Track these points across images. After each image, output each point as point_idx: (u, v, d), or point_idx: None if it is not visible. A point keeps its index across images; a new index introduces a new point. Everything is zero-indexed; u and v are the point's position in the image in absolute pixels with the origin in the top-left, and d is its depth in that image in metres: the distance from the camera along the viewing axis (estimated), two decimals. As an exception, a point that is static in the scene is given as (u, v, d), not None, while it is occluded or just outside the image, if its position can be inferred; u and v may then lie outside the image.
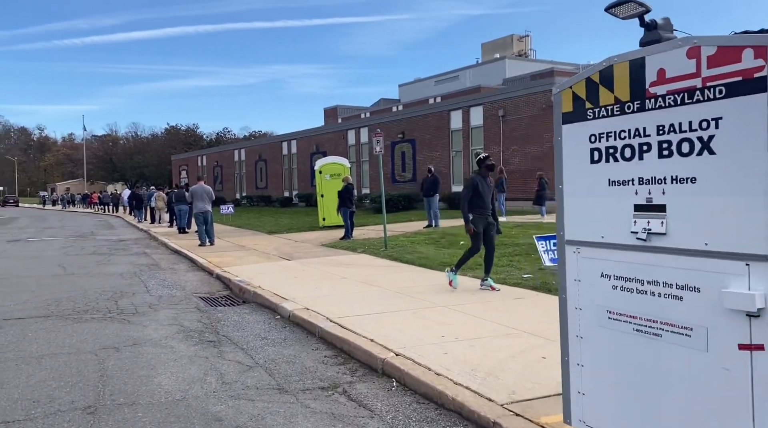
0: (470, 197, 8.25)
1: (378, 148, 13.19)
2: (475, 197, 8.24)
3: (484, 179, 8.37)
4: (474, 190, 8.26)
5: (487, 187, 8.33)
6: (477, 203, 8.25)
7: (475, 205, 8.27)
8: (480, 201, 8.24)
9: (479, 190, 8.24)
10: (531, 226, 15.91)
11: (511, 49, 54.79)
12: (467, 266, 10.06)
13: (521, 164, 24.54)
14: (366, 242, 14.84)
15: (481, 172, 8.44)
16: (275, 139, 44.48)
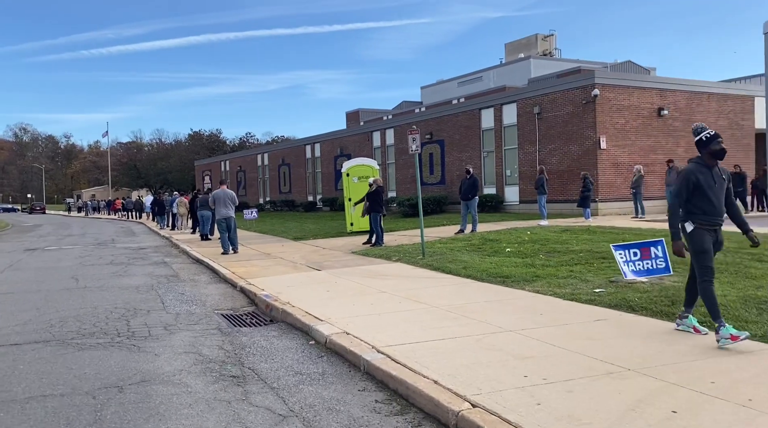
0: (686, 197, 5.50)
1: (414, 145, 12.00)
2: (697, 198, 5.46)
3: (709, 170, 5.49)
4: (694, 187, 5.45)
5: (715, 181, 5.47)
6: (700, 207, 5.47)
7: (696, 210, 5.49)
8: (705, 203, 5.45)
9: (701, 186, 5.42)
10: (581, 231, 14.56)
11: (535, 49, 53.26)
12: (546, 274, 8.82)
13: (560, 164, 23.13)
14: (400, 249, 13.66)
15: (704, 158, 5.54)
16: (298, 143, 43.56)
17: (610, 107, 22.03)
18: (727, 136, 24.97)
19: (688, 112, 23.92)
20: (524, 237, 13.73)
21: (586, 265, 9.81)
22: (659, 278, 7.67)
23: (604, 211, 21.72)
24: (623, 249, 7.26)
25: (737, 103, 25.35)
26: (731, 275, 7.98)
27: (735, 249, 10.03)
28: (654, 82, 23.22)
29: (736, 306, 6.23)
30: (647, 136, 22.94)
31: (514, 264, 10.33)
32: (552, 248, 11.82)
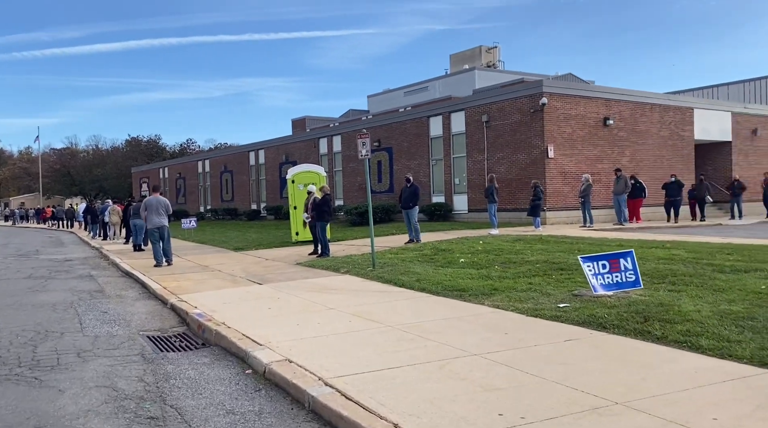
0: None
1: (364, 150, 11.30)
2: None
3: None
4: None
5: None
6: None
7: None
8: None
9: None
10: (534, 240, 14.18)
11: (479, 61, 53.79)
12: (479, 291, 8.23)
13: (508, 173, 22.93)
14: (349, 260, 12.89)
15: None
16: (242, 149, 42.16)
17: (557, 116, 22.00)
18: (668, 146, 25.47)
19: (633, 122, 24.22)
20: (477, 247, 13.22)
21: (544, 277, 9.31)
22: (625, 292, 7.21)
23: (553, 220, 21.60)
24: (591, 261, 6.75)
25: (678, 115, 25.91)
26: (698, 288, 7.61)
27: (694, 260, 9.77)
28: (600, 92, 23.39)
29: (713, 324, 5.78)
30: (593, 145, 23.04)
31: (470, 276, 9.75)
32: (507, 258, 11.33)
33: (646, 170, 24.33)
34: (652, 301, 6.87)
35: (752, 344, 5.08)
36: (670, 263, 9.55)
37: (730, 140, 27.95)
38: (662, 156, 25.23)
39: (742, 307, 6.35)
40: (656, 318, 6.12)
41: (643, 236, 15.27)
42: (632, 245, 12.27)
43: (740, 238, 14.39)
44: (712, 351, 5.03)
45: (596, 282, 6.66)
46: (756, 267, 8.64)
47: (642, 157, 24.50)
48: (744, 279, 7.87)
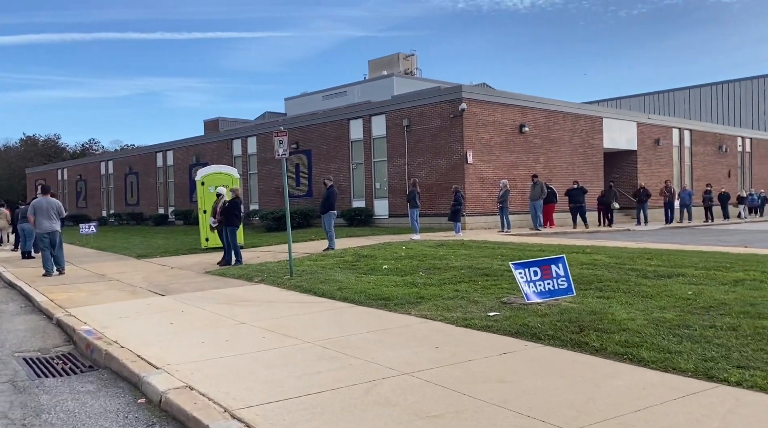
0: None
1: (281, 149, 10.53)
2: None
3: None
4: None
5: None
6: None
7: None
8: None
9: None
10: (456, 245, 13.90)
11: (397, 67, 54.11)
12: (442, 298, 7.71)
13: (429, 177, 22.75)
14: (264, 268, 12.05)
15: None
16: (148, 150, 39.82)
17: (476, 122, 22.09)
18: (579, 154, 26.28)
19: (547, 129, 24.78)
20: (400, 253, 12.76)
21: (470, 283, 8.94)
22: (555, 299, 6.91)
23: (472, 225, 21.61)
24: (523, 268, 6.39)
25: (588, 124, 26.80)
26: (626, 294, 7.45)
27: (616, 265, 9.74)
28: (516, 100, 23.74)
29: (650, 333, 5.53)
30: (510, 151, 23.33)
31: (394, 284, 9.23)
32: (431, 264, 10.92)
33: (559, 177, 24.94)
34: (584, 309, 6.60)
35: (694, 355, 4.83)
36: (594, 268, 9.46)
37: (635, 149, 29.27)
38: (574, 163, 25.98)
39: (675, 315, 6.18)
40: (591, 328, 5.82)
41: (561, 241, 15.41)
42: (554, 250, 12.23)
43: (652, 243, 14.79)
44: (654, 363, 4.73)
45: (529, 290, 6.31)
46: (678, 273, 8.67)
47: (555, 163, 25.11)
48: (669, 285, 7.81)
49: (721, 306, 6.48)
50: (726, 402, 3.90)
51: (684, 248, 12.73)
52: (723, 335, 5.33)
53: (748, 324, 5.56)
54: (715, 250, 11.97)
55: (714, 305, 6.52)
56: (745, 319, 5.78)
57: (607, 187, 24.59)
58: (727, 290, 7.30)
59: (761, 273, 8.29)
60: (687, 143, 32.60)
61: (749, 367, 4.46)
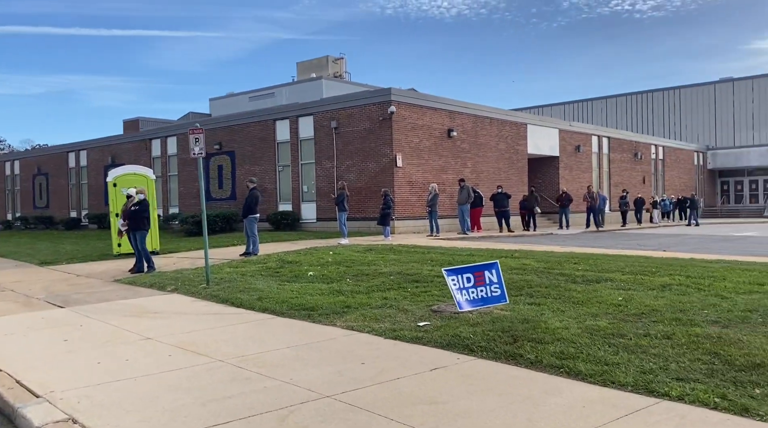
0: None
1: (197, 148, 9.78)
2: None
3: None
4: None
5: None
6: None
7: None
8: None
9: None
10: (385, 250, 13.52)
11: (326, 70, 53.61)
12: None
13: (358, 181, 22.33)
14: (179, 275, 11.21)
15: None
16: (59, 149, 37.27)
17: (405, 125, 21.88)
18: (505, 159, 26.65)
19: (474, 134, 24.94)
20: (327, 259, 12.24)
21: (400, 290, 8.55)
22: (488, 308, 6.62)
23: (401, 229, 21.36)
24: (456, 275, 6.04)
25: (513, 129, 27.23)
26: (557, 300, 7.27)
27: (545, 270, 9.63)
28: (445, 104, 23.75)
29: (586, 343, 5.29)
30: (439, 155, 23.29)
31: (320, 292, 8.71)
32: (359, 270, 10.47)
33: (486, 181, 25.16)
34: (517, 317, 6.34)
35: (632, 367, 4.61)
36: (524, 273, 9.30)
37: (557, 155, 30.04)
38: (500, 168, 26.30)
39: (608, 322, 6.00)
40: (525, 338, 5.53)
41: (489, 245, 15.35)
42: (483, 254, 12.07)
43: (577, 247, 14.98)
44: (592, 377, 4.47)
45: (461, 298, 5.97)
46: (605, 277, 8.62)
47: (482, 168, 25.31)
48: (599, 291, 7.71)
49: (652, 312, 6.38)
50: (671, 420, 3.65)
51: (608, 252, 12.90)
52: (658, 344, 5.16)
53: (682, 332, 5.43)
54: (638, 254, 12.17)
55: (645, 312, 6.41)
56: (678, 327, 5.67)
57: (529, 192, 24.97)
58: (656, 295, 7.26)
59: (686, 277, 8.36)
60: (605, 150, 33.84)
61: (689, 379, 4.26)
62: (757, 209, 42.80)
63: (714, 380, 4.23)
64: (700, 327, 5.58)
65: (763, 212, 41.59)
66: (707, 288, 7.51)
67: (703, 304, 6.62)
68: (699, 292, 7.34)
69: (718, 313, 6.18)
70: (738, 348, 4.87)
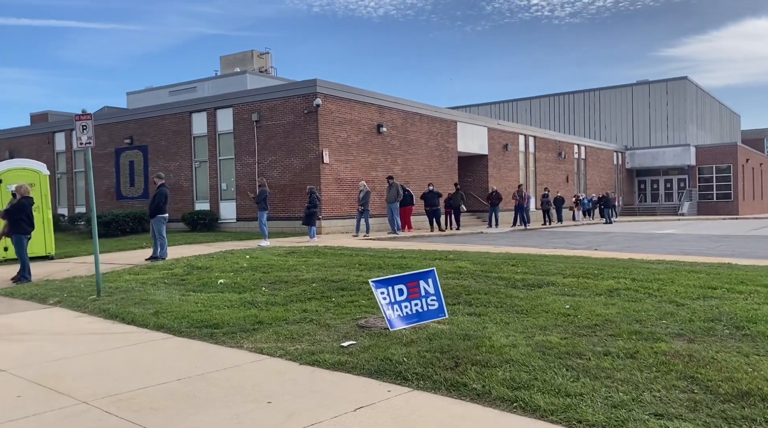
0: None
1: (84, 137, 8.35)
2: None
3: None
4: None
5: None
6: None
7: None
8: None
9: None
10: (309, 253, 12.42)
11: (251, 65, 51.72)
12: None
13: (281, 178, 21.05)
14: (68, 285, 9.69)
15: None
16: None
17: (332, 120, 20.81)
18: (435, 157, 26.07)
19: (404, 131, 24.19)
20: (242, 264, 11.01)
21: (322, 301, 7.51)
22: (424, 323, 5.70)
23: (328, 230, 20.28)
24: (386, 286, 5.06)
25: (444, 127, 26.71)
26: (499, 309, 6.45)
27: (482, 273, 8.85)
28: (373, 98, 22.84)
29: (539, 366, 4.46)
30: (368, 152, 22.37)
31: (229, 304, 7.54)
32: (277, 277, 9.34)
33: (417, 179, 24.48)
34: (456, 332, 5.45)
35: (598, 398, 3.80)
36: (460, 277, 8.48)
37: (486, 154, 29.83)
38: (431, 166, 25.71)
39: (560, 337, 5.21)
40: (468, 360, 4.64)
41: (420, 246, 14.56)
42: (415, 256, 11.21)
43: (510, 247, 14.43)
44: (554, 414, 3.62)
45: (393, 314, 5.01)
46: (547, 281, 7.92)
47: (413, 166, 24.61)
48: (543, 297, 6.96)
49: (606, 323, 5.66)
50: (666, 481, 2.82)
51: (543, 252, 12.35)
52: (623, 366, 4.40)
53: (646, 350, 4.70)
54: (575, 255, 11.67)
55: (599, 323, 5.68)
56: (639, 342, 4.94)
57: (455, 190, 24.32)
58: (606, 302, 6.58)
59: (632, 280, 7.78)
60: (532, 149, 34.05)
61: (670, 415, 3.48)
62: (672, 207, 44.58)
63: (700, 415, 3.47)
64: (665, 343, 4.88)
65: (678, 210, 43.34)
66: (658, 294, 6.91)
67: (660, 313, 5.98)
68: (651, 298, 6.72)
69: (680, 324, 5.53)
70: (716, 370, 4.16)
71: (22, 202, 10.69)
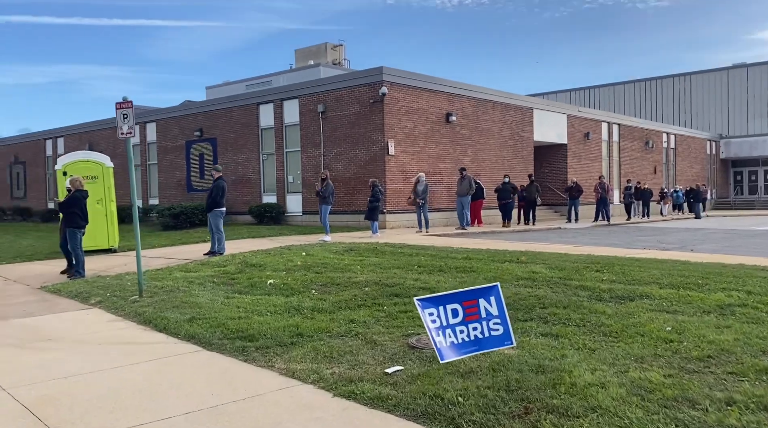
0: None
1: (126, 126, 7.82)
2: None
3: None
4: None
5: None
6: None
7: None
8: None
9: None
10: (367, 251, 11.57)
11: (325, 57, 51.64)
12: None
13: (346, 170, 20.37)
14: (117, 282, 9.29)
15: None
16: (35, 136, 35.27)
17: (398, 109, 19.88)
18: (509, 146, 24.62)
19: (475, 119, 22.92)
20: (297, 261, 10.31)
21: (373, 309, 6.63)
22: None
23: (393, 224, 19.43)
24: (435, 306, 4.06)
25: (518, 114, 25.20)
26: (581, 330, 5.33)
27: (561, 281, 7.66)
28: (443, 85, 21.70)
29: (636, 419, 3.35)
30: (435, 142, 21.30)
31: (272, 309, 6.80)
32: (329, 278, 8.54)
33: (488, 171, 23.18)
34: (528, 361, 4.41)
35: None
36: (534, 286, 7.35)
37: (565, 143, 28.01)
38: (503, 156, 24.30)
39: (664, 374, 4.07)
40: (543, 405, 3.60)
41: (490, 243, 13.40)
42: (481, 258, 10.12)
43: (592, 246, 13.02)
44: None
45: (444, 342, 4.00)
46: (640, 293, 6.67)
47: (484, 156, 23.32)
48: (635, 314, 5.76)
49: (722, 354, 4.44)
50: None
51: (631, 254, 10.92)
52: (757, 424, 3.22)
53: (789, 401, 3.49)
54: (670, 258, 10.20)
55: (712, 353, 4.47)
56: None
57: (529, 182, 22.67)
58: (718, 324, 5.31)
59: (747, 294, 6.40)
60: (615, 138, 31.80)
61: None
62: (773, 201, 40.75)
63: None
64: (813, 391, 3.64)
65: (780, 204, 39.55)
66: (786, 314, 5.55)
67: (795, 342, 4.67)
68: (777, 320, 5.38)
69: (827, 361, 4.24)
70: None
71: (76, 196, 10.42)
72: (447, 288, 7.46)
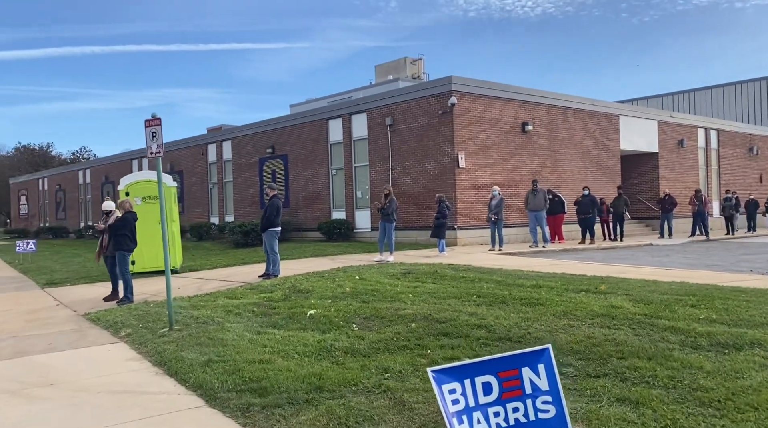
0: None
1: (155, 145, 7.28)
2: None
3: None
4: None
5: None
6: None
7: None
8: None
9: None
10: (426, 274, 10.51)
11: (404, 72, 51.29)
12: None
13: (415, 184, 19.45)
14: (157, 310, 8.80)
15: None
16: (123, 157, 36.87)
17: (469, 119, 18.77)
18: (592, 156, 22.81)
19: (554, 128, 21.37)
20: (346, 288, 9.44)
21: (414, 353, 5.63)
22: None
23: (464, 241, 18.26)
24: (459, 380, 2.95)
25: (603, 122, 23.34)
26: (671, 395, 4.08)
27: (646, 319, 6.31)
28: (517, 93, 20.37)
29: None
30: (511, 154, 19.96)
31: (301, 350, 5.95)
32: (375, 310, 7.60)
33: (569, 182, 21.51)
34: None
35: None
36: (612, 326, 6.07)
37: (656, 151, 25.74)
38: (586, 167, 22.51)
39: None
40: None
41: (566, 265, 12.00)
42: (553, 285, 8.82)
43: (688, 270, 11.32)
44: None
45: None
46: (748, 339, 5.26)
47: (565, 167, 21.67)
48: (744, 372, 4.43)
49: None
50: None
51: (735, 283, 9.22)
52: None
53: None
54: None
55: None
56: None
57: (617, 194, 20.74)
58: None
59: None
60: (714, 145, 28.98)
61: None
62: None
63: None
64: None
65: None
66: None
67: None
68: None
69: None
70: None
71: (126, 217, 10.11)
72: (506, 326, 6.33)
